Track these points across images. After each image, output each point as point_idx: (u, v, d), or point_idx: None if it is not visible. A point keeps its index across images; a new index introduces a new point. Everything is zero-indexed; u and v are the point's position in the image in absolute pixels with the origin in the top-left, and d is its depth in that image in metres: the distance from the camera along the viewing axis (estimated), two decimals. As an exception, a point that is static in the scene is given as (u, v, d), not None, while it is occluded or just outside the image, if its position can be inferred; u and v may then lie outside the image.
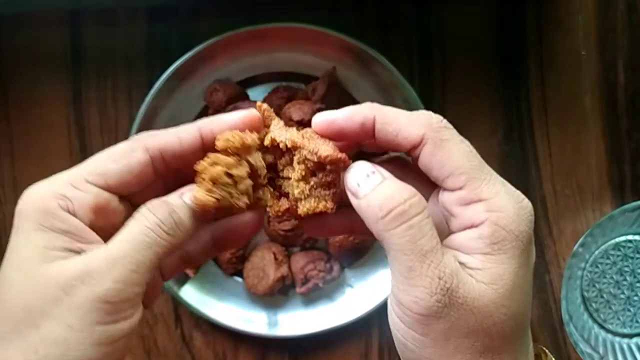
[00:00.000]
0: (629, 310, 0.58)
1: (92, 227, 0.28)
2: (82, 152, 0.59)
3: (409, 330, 0.27)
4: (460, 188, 0.28)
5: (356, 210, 0.28)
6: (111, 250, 0.27)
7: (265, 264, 0.57)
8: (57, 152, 0.59)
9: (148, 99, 0.55)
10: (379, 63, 0.55)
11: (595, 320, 0.58)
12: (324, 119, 0.30)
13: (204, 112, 0.57)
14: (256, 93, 0.58)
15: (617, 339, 0.58)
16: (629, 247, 0.58)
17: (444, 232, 0.28)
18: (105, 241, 0.28)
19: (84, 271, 0.26)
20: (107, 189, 0.29)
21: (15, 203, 0.60)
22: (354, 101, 0.57)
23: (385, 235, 0.26)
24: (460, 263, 0.27)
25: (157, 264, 0.28)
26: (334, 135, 0.30)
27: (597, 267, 0.58)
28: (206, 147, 0.30)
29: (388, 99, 0.56)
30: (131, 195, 0.30)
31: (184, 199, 0.29)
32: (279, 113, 0.56)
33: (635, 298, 0.58)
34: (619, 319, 0.58)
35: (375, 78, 0.56)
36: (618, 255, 0.58)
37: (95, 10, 0.58)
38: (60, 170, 0.49)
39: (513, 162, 0.58)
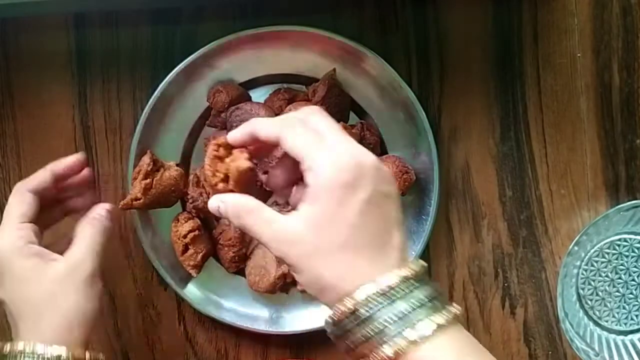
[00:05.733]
0: (624, 307, 0.59)
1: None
2: (87, 152, 0.60)
3: None
4: (302, 160, 0.38)
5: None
6: (82, 252, 0.48)
7: (266, 262, 0.57)
8: (62, 153, 0.59)
9: (152, 100, 0.56)
10: (377, 65, 0.55)
11: (590, 318, 0.59)
12: (230, 139, 0.43)
13: (207, 113, 0.58)
14: (258, 94, 0.58)
15: (613, 336, 0.59)
16: (624, 246, 0.59)
17: None
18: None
19: (74, 263, 0.47)
20: (29, 220, 0.49)
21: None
22: (354, 102, 0.58)
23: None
24: (296, 209, 0.39)
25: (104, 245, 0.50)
26: (240, 146, 0.43)
27: (592, 265, 0.59)
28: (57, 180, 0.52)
29: (387, 100, 0.57)
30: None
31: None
32: (280, 114, 0.57)
33: (630, 296, 0.59)
34: (614, 316, 0.59)
35: (374, 80, 0.57)
36: (613, 254, 0.59)
37: (99, 12, 0.59)
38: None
39: (509, 162, 0.59)
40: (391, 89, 0.56)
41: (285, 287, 0.58)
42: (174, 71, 0.56)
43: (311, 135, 0.39)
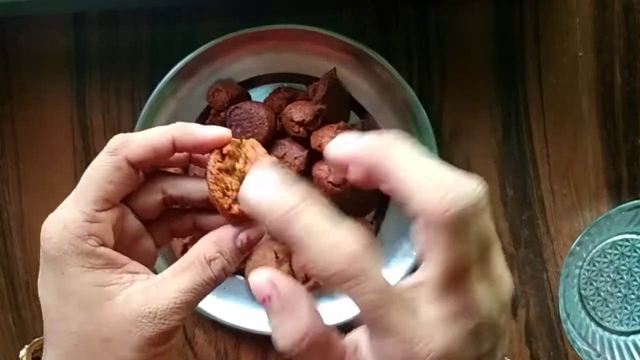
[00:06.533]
0: (625, 308, 0.59)
1: (115, 242, 0.32)
2: (86, 152, 0.59)
3: None
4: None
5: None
6: (171, 297, 0.31)
7: (266, 262, 0.57)
8: (60, 152, 0.59)
9: (151, 99, 0.56)
10: (378, 64, 0.55)
11: (592, 318, 0.59)
12: (336, 153, 0.28)
13: (206, 112, 0.58)
14: (258, 94, 0.58)
15: (614, 336, 0.59)
16: (626, 246, 0.58)
17: None
18: (118, 247, 0.32)
19: (150, 312, 0.30)
20: (112, 207, 0.32)
21: (19, 202, 0.60)
22: (354, 101, 0.58)
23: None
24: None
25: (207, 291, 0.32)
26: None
27: (594, 265, 0.58)
28: (177, 151, 0.33)
29: (388, 100, 0.57)
30: None
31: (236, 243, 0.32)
32: (280, 114, 0.57)
33: (632, 296, 0.58)
34: (616, 316, 0.59)
35: (375, 79, 0.56)
36: (615, 254, 0.58)
37: (99, 12, 0.59)
38: (63, 169, 0.51)
39: (511, 162, 0.59)
40: (392, 88, 0.56)
41: (285, 287, 0.58)
42: (172, 70, 0.55)
43: (477, 250, 0.26)
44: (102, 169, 0.32)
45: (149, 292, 0.31)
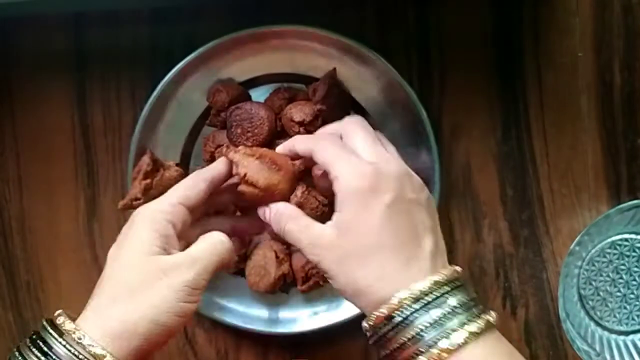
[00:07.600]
0: (625, 307, 0.59)
1: (177, 234, 0.42)
2: (86, 152, 0.60)
3: None
4: (329, 171, 0.41)
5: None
6: (193, 254, 0.41)
7: (266, 262, 0.57)
8: (61, 152, 0.60)
9: (151, 99, 0.56)
10: (378, 64, 0.55)
11: (592, 318, 0.59)
12: (284, 149, 0.47)
13: (206, 113, 0.58)
14: (258, 94, 0.58)
15: (614, 336, 0.59)
16: (625, 246, 0.58)
17: None
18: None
19: (177, 263, 0.40)
20: (187, 208, 0.43)
21: (20, 202, 0.61)
22: (354, 101, 0.58)
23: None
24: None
25: (219, 265, 0.42)
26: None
27: (593, 265, 0.59)
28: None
29: (387, 99, 0.57)
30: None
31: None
32: (280, 114, 0.57)
33: (632, 296, 0.58)
34: (615, 316, 0.59)
35: (375, 78, 0.56)
36: (614, 254, 0.58)
37: (99, 12, 0.59)
38: (63, 168, 0.50)
39: (511, 162, 0.59)
40: (392, 87, 0.56)
41: (285, 287, 0.58)
42: (173, 70, 0.55)
43: (338, 147, 0.42)
44: (187, 182, 0.45)
45: (184, 253, 0.41)
